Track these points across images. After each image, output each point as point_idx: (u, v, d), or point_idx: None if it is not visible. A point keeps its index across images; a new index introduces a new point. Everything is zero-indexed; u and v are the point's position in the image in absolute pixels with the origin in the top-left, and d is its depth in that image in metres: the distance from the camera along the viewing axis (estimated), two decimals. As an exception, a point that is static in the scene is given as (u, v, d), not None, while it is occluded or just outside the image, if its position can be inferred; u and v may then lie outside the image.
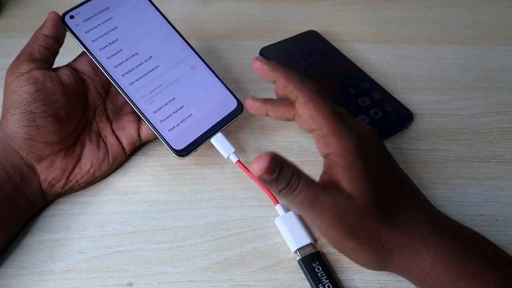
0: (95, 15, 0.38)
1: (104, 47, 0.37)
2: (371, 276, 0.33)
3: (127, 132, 0.39)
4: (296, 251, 0.33)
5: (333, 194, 0.28)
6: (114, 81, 0.37)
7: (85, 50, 0.37)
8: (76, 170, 0.36)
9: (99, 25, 0.38)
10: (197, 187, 0.38)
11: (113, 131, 0.39)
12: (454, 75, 0.48)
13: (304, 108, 0.32)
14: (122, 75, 0.37)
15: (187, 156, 0.36)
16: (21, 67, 0.34)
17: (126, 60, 0.38)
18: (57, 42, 0.36)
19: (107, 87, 0.39)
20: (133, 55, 0.38)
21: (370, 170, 0.29)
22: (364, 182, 0.29)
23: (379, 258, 0.29)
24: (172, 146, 0.36)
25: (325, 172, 0.31)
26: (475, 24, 0.55)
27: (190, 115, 0.37)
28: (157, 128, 0.36)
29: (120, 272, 0.33)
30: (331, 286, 0.31)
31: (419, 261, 0.28)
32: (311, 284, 0.32)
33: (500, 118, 0.44)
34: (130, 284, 0.32)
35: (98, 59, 0.37)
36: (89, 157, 0.37)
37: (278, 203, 0.36)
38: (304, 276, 0.33)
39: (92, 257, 0.34)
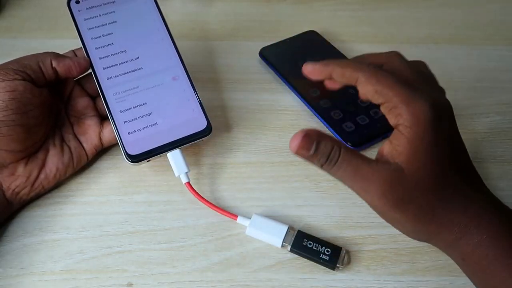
0: (100, 5, 0.39)
1: (97, 38, 0.38)
2: (371, 276, 0.33)
3: (88, 137, 0.38)
4: (282, 245, 0.34)
5: (378, 166, 0.27)
6: (94, 72, 0.37)
7: (78, 36, 0.37)
8: (42, 176, 0.35)
9: (100, 15, 0.38)
10: (197, 187, 0.38)
11: (75, 135, 0.38)
12: (454, 75, 0.48)
13: (367, 85, 0.29)
14: (104, 68, 0.37)
15: (138, 163, 0.35)
16: (7, 74, 0.33)
17: (112, 54, 0.38)
18: (56, 77, 0.36)
19: (69, 91, 0.39)
20: (121, 52, 0.38)
21: (436, 143, 0.27)
22: (424, 156, 0.27)
23: (425, 231, 0.28)
24: (126, 149, 0.35)
25: (389, 142, 0.28)
26: (475, 24, 0.55)
27: (155, 124, 0.36)
28: (118, 127, 0.36)
29: (120, 272, 0.33)
30: (329, 250, 0.33)
31: (467, 238, 0.27)
32: (313, 260, 0.33)
33: (500, 118, 0.44)
34: (130, 284, 0.32)
35: (86, 47, 0.37)
36: (54, 162, 0.36)
37: (237, 217, 0.35)
38: (303, 276, 0.33)
39: (92, 257, 0.34)
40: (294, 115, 0.44)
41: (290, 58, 0.49)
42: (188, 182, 0.36)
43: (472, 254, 0.27)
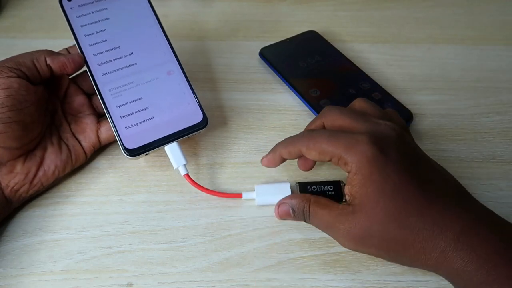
0: (92, 2, 0.39)
1: (90, 34, 0.38)
2: (371, 276, 0.33)
3: (86, 135, 0.38)
4: None
5: (338, 212, 0.30)
6: (89, 68, 0.37)
7: (71, 33, 0.38)
8: (40, 173, 0.35)
9: (92, 12, 0.39)
10: (197, 187, 0.38)
11: (73, 133, 0.38)
12: (454, 75, 0.48)
13: (310, 152, 0.32)
14: (98, 64, 0.38)
15: (136, 157, 0.36)
16: (2, 72, 0.33)
17: (106, 51, 0.38)
18: (51, 74, 0.36)
19: (64, 89, 0.39)
20: (115, 48, 0.38)
21: (387, 180, 0.29)
22: (375, 195, 0.29)
23: (406, 258, 0.29)
24: (124, 144, 0.36)
25: (348, 184, 0.31)
26: (475, 24, 0.55)
27: (151, 118, 0.37)
28: (115, 122, 0.36)
29: (120, 272, 0.33)
30: (332, 186, 0.36)
31: (449, 263, 0.27)
32: None
33: (500, 118, 0.44)
34: (130, 284, 0.32)
35: (80, 44, 0.38)
36: (52, 159, 0.36)
37: (241, 195, 0.37)
38: (303, 276, 0.33)
39: (92, 257, 0.34)
40: (294, 115, 0.44)
41: (290, 58, 0.49)
42: (187, 174, 0.36)
43: (458, 279, 0.27)
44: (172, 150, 0.36)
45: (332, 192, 0.36)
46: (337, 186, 0.36)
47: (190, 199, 0.37)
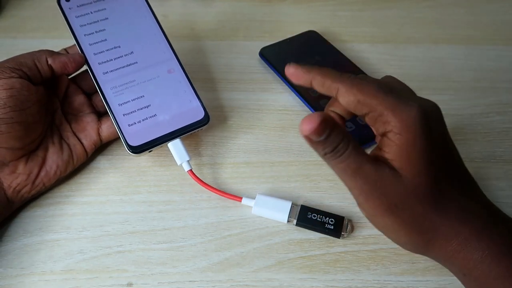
0: (90, 3, 0.39)
1: (90, 34, 0.39)
2: (371, 276, 0.33)
3: (86, 133, 0.38)
4: (288, 220, 0.35)
5: (380, 168, 0.26)
6: (90, 67, 0.38)
7: (71, 33, 0.38)
8: (42, 174, 0.36)
9: (91, 12, 0.39)
10: (197, 187, 0.38)
11: (73, 132, 0.38)
12: (454, 75, 0.48)
13: (349, 96, 0.27)
14: (99, 63, 0.38)
15: (140, 154, 0.36)
16: (4, 72, 0.33)
17: (107, 50, 0.39)
18: (52, 74, 0.36)
19: (64, 89, 0.39)
20: (115, 47, 0.39)
21: (430, 148, 0.26)
22: (419, 162, 0.26)
23: (421, 241, 0.27)
24: (128, 141, 0.36)
25: (378, 149, 0.27)
26: (475, 24, 0.55)
27: (154, 115, 0.37)
28: (117, 120, 0.37)
29: (120, 272, 0.33)
30: (333, 220, 0.35)
31: (467, 253, 0.26)
32: (319, 231, 0.35)
33: (500, 118, 0.44)
34: (130, 284, 0.32)
35: (80, 43, 0.38)
36: (54, 159, 0.36)
37: (241, 199, 0.36)
38: (303, 276, 0.33)
39: (92, 257, 0.34)
40: (294, 115, 0.44)
41: (290, 58, 0.48)
42: (191, 170, 0.37)
43: (474, 270, 0.26)
44: (175, 146, 0.37)
45: (331, 226, 0.34)
46: (339, 222, 0.35)
47: (190, 199, 0.37)
